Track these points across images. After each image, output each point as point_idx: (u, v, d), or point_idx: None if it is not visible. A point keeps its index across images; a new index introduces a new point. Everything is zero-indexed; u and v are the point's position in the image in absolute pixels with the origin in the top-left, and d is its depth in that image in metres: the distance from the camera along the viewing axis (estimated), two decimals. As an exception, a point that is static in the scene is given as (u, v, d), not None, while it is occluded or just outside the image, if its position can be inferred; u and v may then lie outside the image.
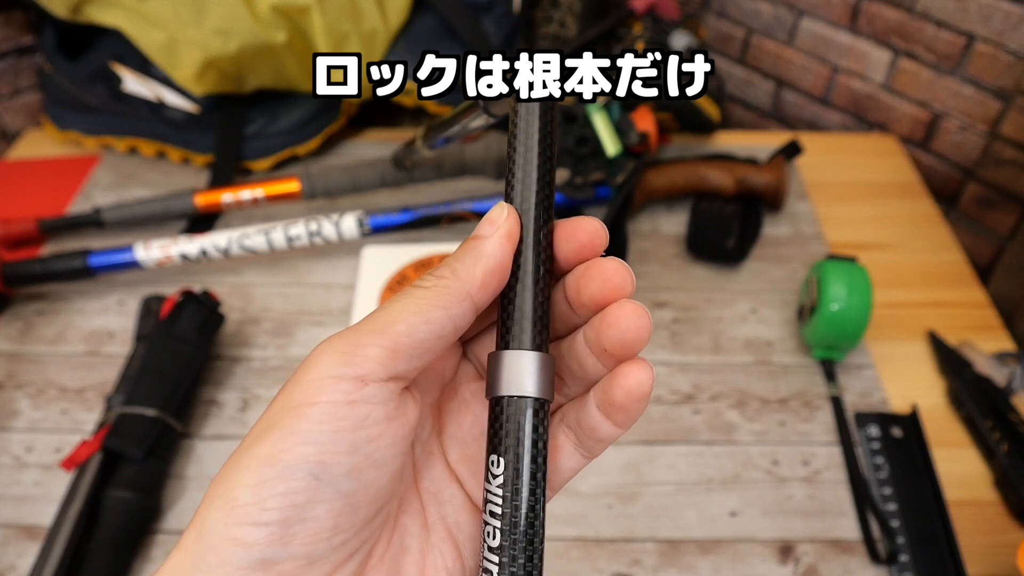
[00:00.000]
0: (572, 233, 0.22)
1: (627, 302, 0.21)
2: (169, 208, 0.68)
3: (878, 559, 0.48)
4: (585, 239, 0.22)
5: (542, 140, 0.23)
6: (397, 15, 0.74)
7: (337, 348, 0.20)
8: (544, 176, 0.23)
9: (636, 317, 0.21)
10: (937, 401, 0.57)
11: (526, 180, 0.23)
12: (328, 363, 0.19)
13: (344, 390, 0.19)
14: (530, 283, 0.22)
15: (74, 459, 0.49)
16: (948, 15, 0.70)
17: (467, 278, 0.21)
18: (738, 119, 0.93)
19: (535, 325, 0.22)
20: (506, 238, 0.22)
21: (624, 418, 0.22)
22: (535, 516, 0.21)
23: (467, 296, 0.21)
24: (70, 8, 0.70)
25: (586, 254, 0.22)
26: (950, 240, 0.70)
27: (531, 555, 0.21)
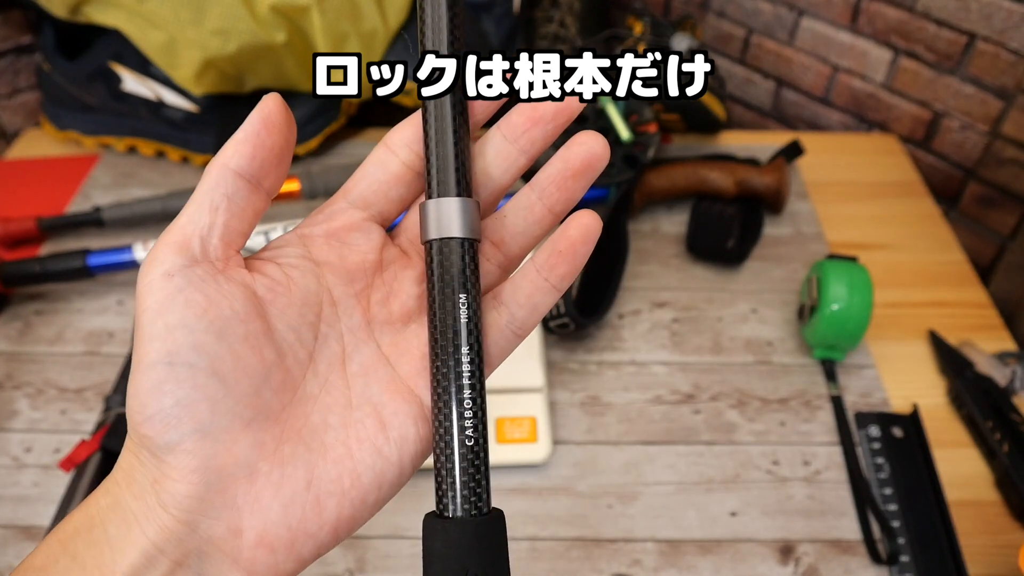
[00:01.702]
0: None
1: (587, 131, 0.24)
2: (169, 207, 0.68)
3: (879, 559, 0.48)
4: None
5: (450, 13, 0.25)
6: (397, 15, 0.74)
7: (147, 257, 0.23)
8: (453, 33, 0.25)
9: (598, 137, 0.24)
10: (938, 401, 0.57)
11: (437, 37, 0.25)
12: (146, 270, 0.22)
13: (161, 287, 0.22)
14: (449, 136, 0.24)
15: (73, 459, 0.49)
16: (949, 14, 0.70)
17: (222, 154, 0.23)
18: (738, 119, 0.92)
19: (458, 172, 0.24)
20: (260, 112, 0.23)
21: (566, 269, 0.24)
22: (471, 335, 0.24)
23: (227, 169, 0.23)
24: (69, 8, 0.70)
25: None
26: (951, 240, 0.70)
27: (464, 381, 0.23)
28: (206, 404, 0.21)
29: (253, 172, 0.23)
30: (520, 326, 0.25)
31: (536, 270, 0.25)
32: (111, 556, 0.21)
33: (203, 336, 0.21)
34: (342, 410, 0.24)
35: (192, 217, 0.22)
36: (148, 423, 0.21)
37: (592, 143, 0.24)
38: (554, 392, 0.58)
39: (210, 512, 0.21)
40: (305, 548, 0.23)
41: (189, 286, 0.22)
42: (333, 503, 0.23)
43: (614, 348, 0.61)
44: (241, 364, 0.22)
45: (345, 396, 0.24)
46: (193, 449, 0.21)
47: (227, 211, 0.23)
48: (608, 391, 0.58)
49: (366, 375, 0.25)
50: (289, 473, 0.22)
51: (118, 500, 0.22)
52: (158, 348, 0.21)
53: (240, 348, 0.22)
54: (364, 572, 0.48)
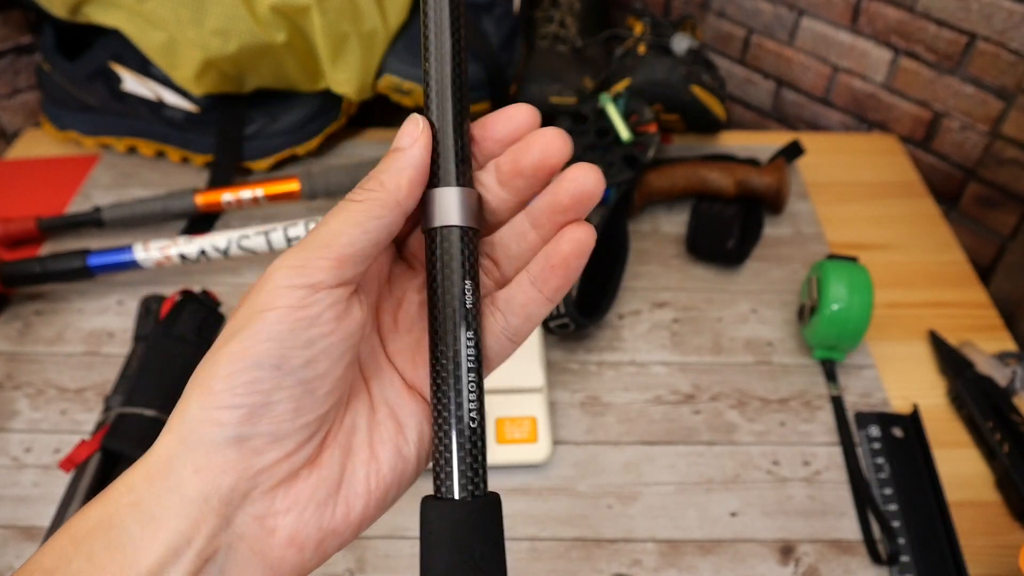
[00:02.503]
0: (506, 115, 0.25)
1: (581, 164, 0.24)
2: (169, 207, 0.68)
3: (879, 560, 0.48)
4: (520, 119, 0.25)
5: (453, 14, 0.25)
6: (397, 15, 0.74)
7: (290, 263, 0.22)
8: (456, 49, 0.25)
9: (595, 173, 0.24)
10: (938, 401, 0.57)
11: (440, 56, 0.25)
12: (283, 276, 0.22)
13: (299, 296, 0.22)
14: (450, 130, 0.25)
15: (73, 459, 0.49)
16: (949, 14, 0.70)
17: (394, 188, 0.23)
18: (738, 119, 0.92)
19: (458, 165, 0.25)
20: (424, 148, 0.24)
21: (559, 283, 0.25)
22: (469, 317, 0.24)
23: (396, 205, 0.23)
24: (69, 8, 0.70)
25: (523, 134, 0.25)
26: (951, 240, 0.70)
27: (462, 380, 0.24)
28: (291, 415, 0.22)
29: (412, 209, 0.24)
30: (515, 333, 0.26)
31: (530, 282, 0.25)
32: (133, 554, 0.21)
33: (320, 355, 0.22)
34: (367, 412, 0.25)
35: (353, 241, 0.23)
36: (231, 411, 0.21)
37: (584, 179, 0.24)
38: (554, 392, 0.58)
39: (249, 509, 0.22)
40: (331, 546, 0.24)
41: (327, 305, 0.22)
42: (360, 504, 0.24)
43: (614, 348, 0.61)
44: (334, 386, 0.23)
45: (368, 399, 0.26)
46: (259, 448, 0.22)
47: (380, 246, 0.24)
48: (608, 391, 0.58)
49: (381, 379, 0.26)
50: (325, 476, 0.23)
51: (143, 497, 0.21)
52: (272, 349, 0.22)
53: (338, 373, 0.23)
54: (364, 572, 0.48)
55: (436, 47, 0.25)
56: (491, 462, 0.51)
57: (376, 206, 0.23)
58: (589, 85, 0.79)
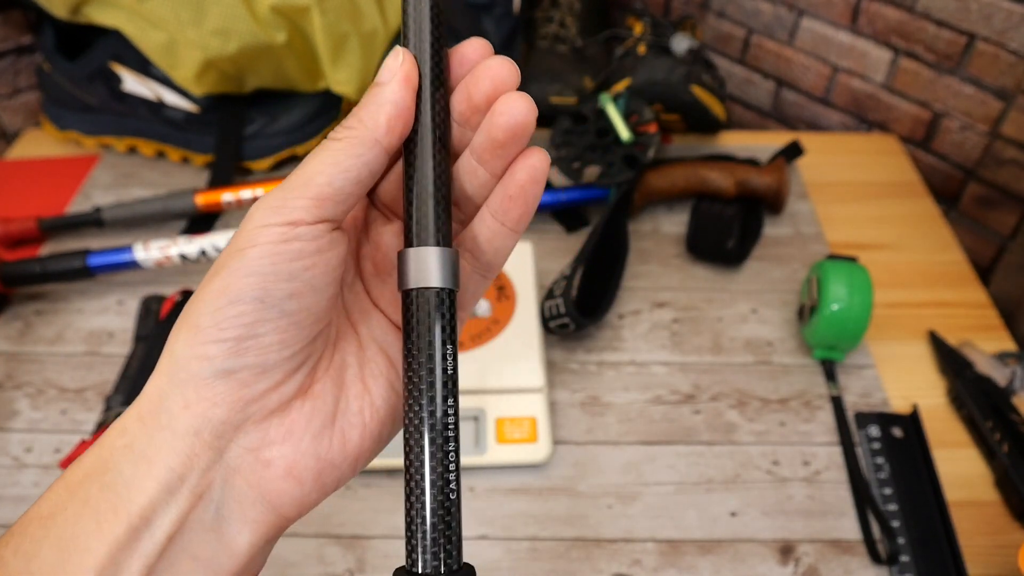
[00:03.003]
0: (460, 54, 0.24)
1: (513, 93, 0.23)
2: (169, 207, 0.68)
3: (879, 559, 0.48)
4: (475, 58, 0.24)
5: (433, 18, 0.24)
6: (397, 15, 0.74)
7: (269, 204, 0.22)
8: (436, 55, 0.24)
9: (523, 100, 0.23)
10: (938, 401, 0.57)
11: (419, 51, 0.24)
12: (262, 215, 0.22)
13: (278, 232, 0.22)
14: (429, 185, 0.24)
15: (73, 459, 0.49)
16: (949, 15, 0.70)
17: (373, 125, 0.23)
18: (738, 119, 0.92)
19: (436, 221, 0.24)
20: (404, 82, 0.23)
21: (520, 212, 0.24)
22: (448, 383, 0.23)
23: (375, 143, 0.23)
24: (69, 8, 0.70)
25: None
26: (951, 240, 0.70)
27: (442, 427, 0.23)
28: (277, 346, 0.22)
29: (395, 146, 0.24)
30: (486, 268, 0.26)
31: (491, 215, 0.25)
32: (127, 495, 0.21)
33: (303, 287, 0.22)
34: (356, 350, 0.26)
35: (332, 180, 0.23)
36: (218, 344, 0.21)
37: (514, 111, 0.23)
38: (554, 392, 0.58)
39: (242, 441, 0.22)
40: (330, 479, 0.24)
41: (307, 240, 0.22)
42: (356, 435, 0.24)
43: (614, 348, 0.61)
44: (318, 318, 0.23)
45: (356, 339, 0.26)
46: (247, 380, 0.22)
47: (364, 184, 0.23)
48: (608, 391, 0.58)
49: (368, 321, 0.26)
50: (319, 407, 0.23)
51: (135, 439, 0.21)
52: (255, 283, 0.22)
53: (323, 305, 0.23)
54: (364, 572, 0.48)
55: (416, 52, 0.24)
56: (491, 462, 0.52)
57: (355, 144, 0.23)
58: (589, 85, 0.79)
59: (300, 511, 0.23)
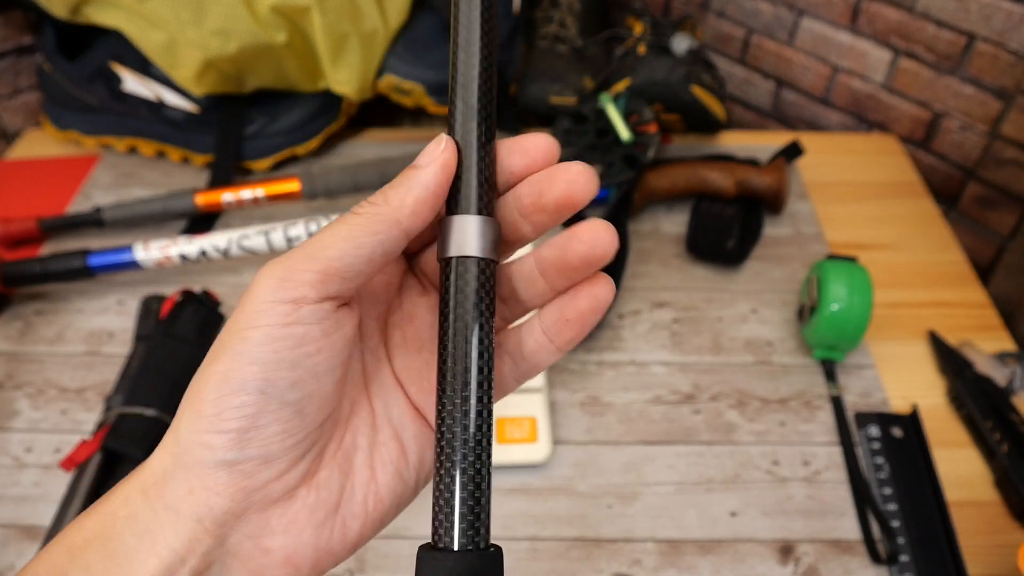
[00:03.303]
0: (522, 147, 0.24)
1: (598, 220, 0.23)
2: (170, 207, 0.68)
3: (878, 559, 0.48)
4: (536, 153, 0.24)
5: (483, 28, 0.24)
6: (397, 15, 0.74)
7: (275, 274, 0.22)
8: (485, 72, 0.24)
9: (607, 232, 0.23)
10: (937, 401, 0.57)
11: (467, 81, 0.24)
12: (266, 289, 0.21)
13: (282, 312, 0.21)
14: (474, 154, 0.23)
15: (73, 459, 0.49)
16: (948, 15, 0.70)
17: (398, 206, 0.22)
18: (738, 119, 0.92)
19: (479, 189, 0.23)
20: (441, 169, 0.23)
21: (573, 336, 0.24)
22: (484, 354, 0.23)
23: (396, 223, 0.22)
24: (70, 8, 0.70)
25: (540, 167, 0.24)
26: (950, 240, 0.70)
27: (473, 403, 0.23)
28: (280, 437, 0.22)
29: (416, 231, 0.23)
30: (521, 375, 0.25)
31: (543, 331, 0.24)
32: (129, 567, 0.21)
33: (306, 375, 0.22)
34: (369, 431, 0.25)
35: (343, 256, 0.22)
36: (220, 435, 0.21)
37: (596, 240, 0.23)
38: (554, 392, 0.58)
39: (243, 529, 0.22)
40: (326, 565, 0.23)
41: (311, 323, 0.22)
42: (357, 525, 0.24)
43: (614, 348, 0.61)
44: (323, 404, 0.23)
45: (370, 417, 0.25)
46: (249, 472, 0.21)
47: (376, 265, 0.23)
48: (608, 391, 0.58)
49: (385, 397, 0.25)
50: (323, 497, 0.23)
51: (138, 511, 0.21)
52: (256, 373, 0.21)
53: (328, 390, 0.23)
54: (364, 572, 0.48)
55: (465, 66, 0.24)
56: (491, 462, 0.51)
57: (374, 221, 0.22)
58: (589, 85, 0.79)
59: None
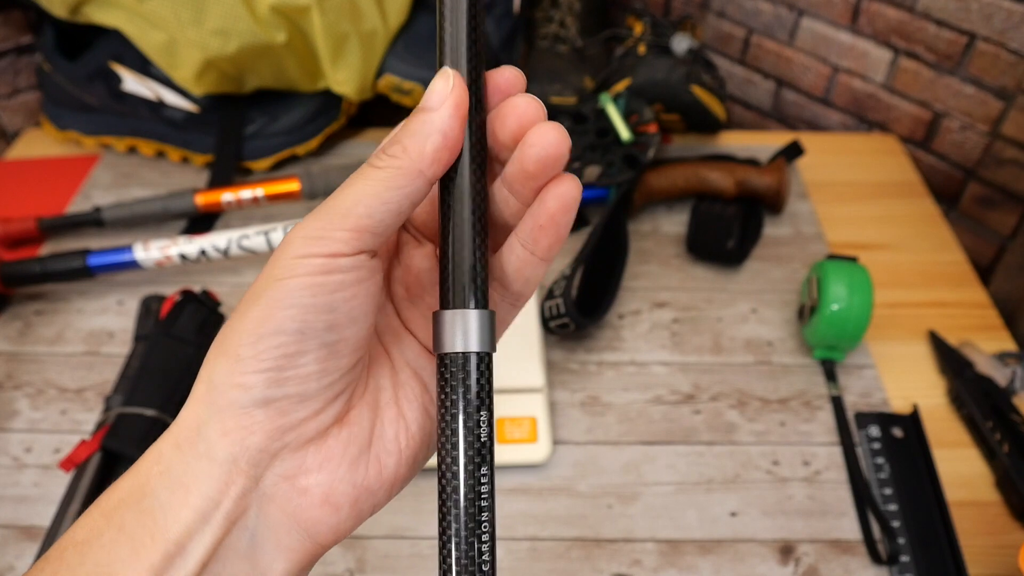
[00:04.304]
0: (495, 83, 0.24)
1: (545, 123, 0.23)
2: (169, 207, 0.68)
3: (879, 559, 0.48)
4: (504, 87, 0.24)
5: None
6: (397, 15, 0.74)
7: (307, 234, 0.22)
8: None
9: (555, 131, 0.22)
10: (938, 401, 0.57)
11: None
12: (300, 245, 0.22)
13: (317, 264, 0.22)
14: (468, 241, 0.23)
15: (73, 459, 0.49)
16: (949, 14, 0.70)
17: (417, 156, 0.22)
18: (738, 119, 0.92)
19: (473, 283, 0.23)
20: (454, 110, 0.22)
21: (551, 241, 0.24)
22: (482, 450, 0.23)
23: (419, 174, 0.22)
24: (69, 8, 0.70)
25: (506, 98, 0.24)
26: (951, 240, 0.70)
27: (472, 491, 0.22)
28: (316, 376, 0.22)
29: (438, 178, 0.23)
30: (515, 298, 0.25)
31: (521, 244, 0.24)
32: (163, 521, 0.21)
33: (342, 318, 0.22)
34: (390, 373, 0.25)
35: (372, 212, 0.22)
36: (257, 375, 0.21)
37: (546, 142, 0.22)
38: (554, 392, 0.58)
39: (278, 469, 0.22)
40: (366, 505, 0.24)
41: (346, 272, 0.22)
42: (392, 461, 0.24)
43: (614, 348, 0.61)
44: (357, 347, 0.23)
45: (388, 362, 0.26)
46: (285, 409, 0.22)
47: (403, 216, 0.23)
48: (608, 391, 0.58)
49: (400, 344, 0.26)
50: (355, 434, 0.23)
51: (172, 465, 0.21)
52: (295, 315, 0.21)
53: (361, 334, 0.23)
54: (364, 572, 0.48)
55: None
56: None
57: (398, 175, 0.22)
58: (589, 85, 0.79)
59: (336, 538, 0.23)
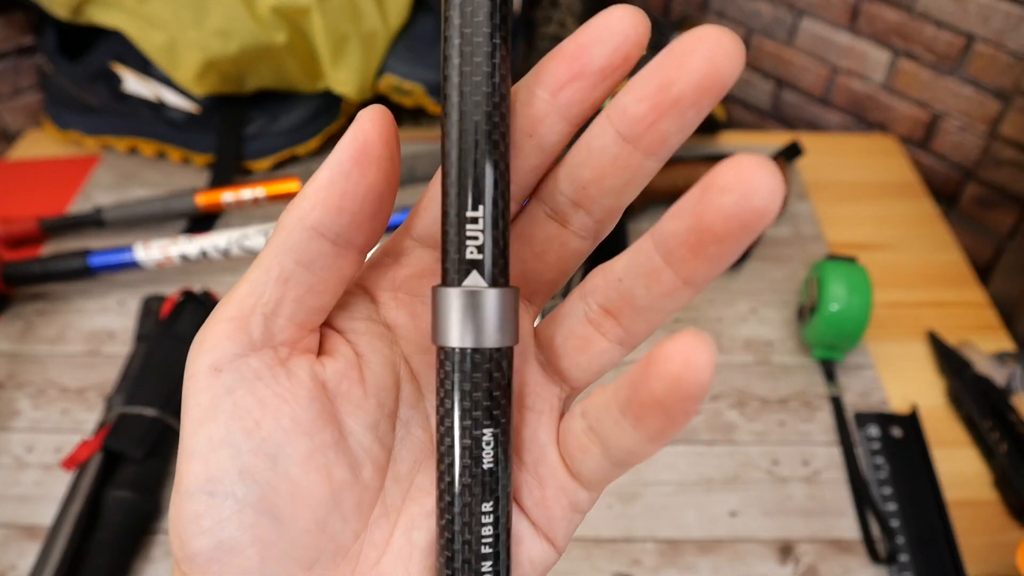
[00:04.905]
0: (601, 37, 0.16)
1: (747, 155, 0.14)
2: (170, 208, 0.68)
3: (878, 559, 0.48)
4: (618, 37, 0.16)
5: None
6: (397, 15, 0.74)
7: (196, 339, 0.17)
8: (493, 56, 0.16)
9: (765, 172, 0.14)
10: (937, 401, 0.57)
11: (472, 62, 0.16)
12: (193, 357, 0.17)
13: (208, 386, 0.17)
14: (481, 182, 0.17)
15: (74, 459, 0.49)
16: (948, 15, 0.70)
17: (298, 202, 0.17)
18: (738, 119, 0.93)
19: (494, 249, 0.17)
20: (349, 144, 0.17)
21: (659, 426, 0.15)
22: (484, 478, 0.17)
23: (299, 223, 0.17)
24: (71, 9, 0.70)
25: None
26: (950, 240, 0.70)
27: None
28: (255, 548, 0.17)
29: (340, 229, 0.17)
30: (618, 463, 0.17)
31: (620, 412, 0.16)
32: None
33: (252, 459, 0.17)
34: (431, 522, 0.19)
35: (255, 288, 0.17)
36: (188, 560, 0.17)
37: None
38: (554, 392, 0.58)
39: None
40: None
41: (240, 386, 0.17)
42: None
43: (614, 348, 0.61)
44: (302, 494, 0.17)
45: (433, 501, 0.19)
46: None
47: (302, 283, 0.17)
48: (608, 391, 0.58)
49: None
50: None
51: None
52: (198, 471, 0.16)
53: (301, 472, 0.17)
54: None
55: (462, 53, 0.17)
56: None
57: (279, 231, 0.17)
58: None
59: None
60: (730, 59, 0.14)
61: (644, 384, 0.15)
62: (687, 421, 0.15)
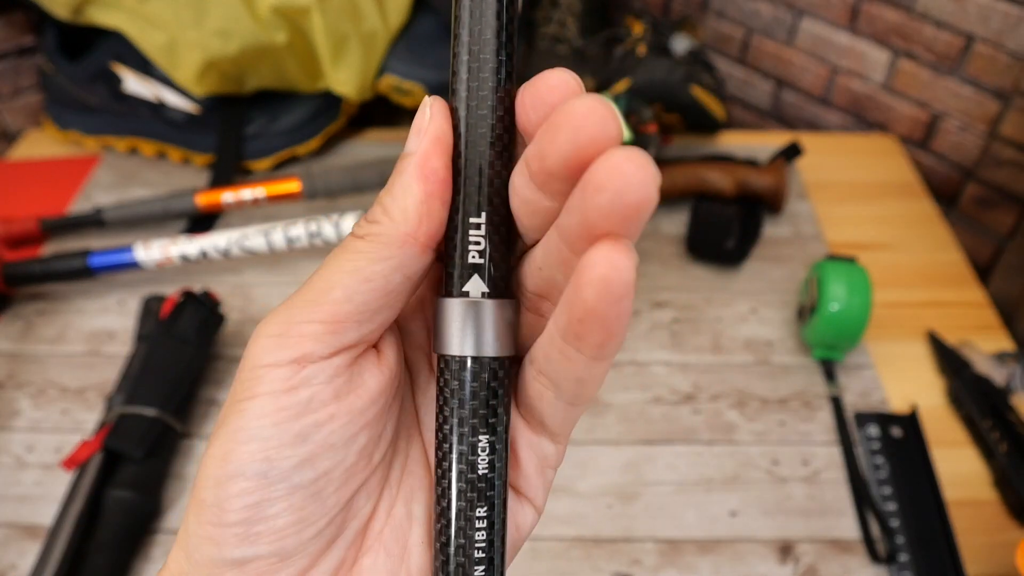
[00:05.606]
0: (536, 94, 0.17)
1: (619, 151, 0.15)
2: (170, 208, 0.68)
3: (877, 559, 0.48)
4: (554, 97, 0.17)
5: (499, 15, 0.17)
6: (397, 15, 0.74)
7: (270, 331, 0.17)
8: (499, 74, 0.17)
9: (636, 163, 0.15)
10: (937, 401, 0.57)
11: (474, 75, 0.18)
12: (262, 350, 0.17)
13: (282, 376, 0.17)
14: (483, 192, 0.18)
15: (75, 459, 0.49)
16: (947, 15, 0.70)
17: (401, 218, 0.17)
18: (738, 119, 0.93)
19: (492, 261, 0.18)
20: (432, 145, 0.17)
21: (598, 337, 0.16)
22: (479, 483, 0.18)
23: (407, 239, 0.17)
24: (71, 9, 0.70)
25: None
26: (950, 240, 0.70)
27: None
28: (295, 527, 0.18)
29: (437, 236, 0.18)
30: (572, 398, 0.18)
31: (560, 337, 0.17)
32: None
33: (317, 449, 0.17)
34: (426, 496, 0.20)
35: (351, 294, 0.17)
36: (224, 529, 0.17)
37: (624, 182, 0.15)
38: (554, 392, 0.58)
39: None
40: None
41: (321, 383, 0.17)
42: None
43: (614, 348, 0.61)
44: (347, 479, 0.18)
45: (428, 474, 0.20)
46: (264, 571, 0.18)
47: (403, 294, 0.18)
48: (608, 391, 0.58)
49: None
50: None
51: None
52: (255, 452, 0.17)
53: (351, 461, 0.18)
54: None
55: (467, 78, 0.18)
56: None
57: (379, 245, 0.17)
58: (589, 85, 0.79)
59: None
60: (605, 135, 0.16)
61: (576, 297, 0.15)
62: (622, 329, 0.16)
